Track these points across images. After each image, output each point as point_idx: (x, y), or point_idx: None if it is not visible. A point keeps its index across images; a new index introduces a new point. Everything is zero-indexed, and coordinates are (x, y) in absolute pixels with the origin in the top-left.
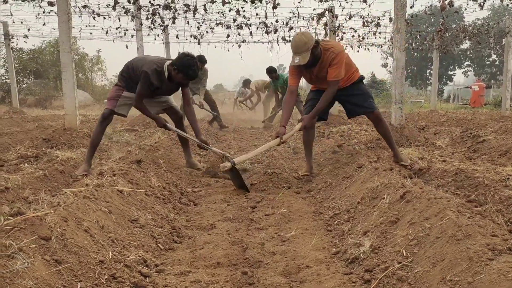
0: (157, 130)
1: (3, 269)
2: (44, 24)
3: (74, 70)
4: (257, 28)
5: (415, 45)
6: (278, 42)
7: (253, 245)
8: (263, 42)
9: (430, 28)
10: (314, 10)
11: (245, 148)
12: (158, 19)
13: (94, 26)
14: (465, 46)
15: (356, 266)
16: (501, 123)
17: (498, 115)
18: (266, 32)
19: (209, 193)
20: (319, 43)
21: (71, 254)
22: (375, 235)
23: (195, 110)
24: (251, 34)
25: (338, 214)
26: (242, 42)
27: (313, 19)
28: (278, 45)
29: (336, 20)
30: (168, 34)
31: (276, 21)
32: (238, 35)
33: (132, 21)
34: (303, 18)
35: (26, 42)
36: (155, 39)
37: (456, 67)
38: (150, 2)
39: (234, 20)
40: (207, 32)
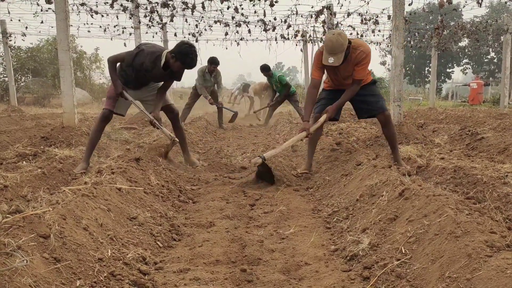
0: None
1: (2, 267)
2: (42, 22)
3: (72, 68)
4: (255, 26)
5: (414, 42)
6: (276, 40)
7: (252, 242)
8: (262, 40)
9: (429, 25)
10: (312, 7)
11: (243, 146)
12: (156, 17)
13: (92, 24)
14: (463, 43)
15: (355, 263)
16: (499, 121)
17: (496, 113)
18: (265, 30)
19: (208, 191)
20: (350, 42)
21: (70, 252)
22: (374, 232)
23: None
24: (250, 32)
25: (337, 212)
26: (240, 40)
27: (311, 17)
28: (277, 43)
29: (334, 17)
30: (166, 32)
31: (274, 18)
32: (236, 33)
33: (130, 19)
34: (302, 16)
35: (24, 40)
36: (153, 37)
37: (454, 65)
38: None
39: (233, 17)
40: (205, 30)
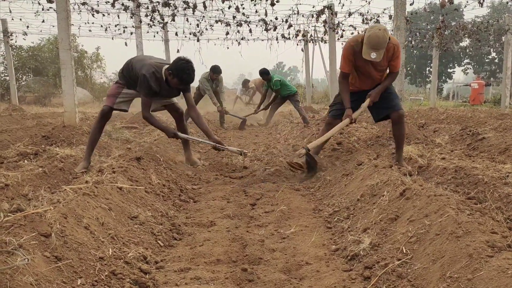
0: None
1: (4, 265)
2: (43, 21)
3: (73, 67)
4: (256, 25)
5: (415, 42)
6: (277, 39)
7: (253, 242)
8: (263, 40)
9: (430, 25)
10: (313, 7)
11: (244, 145)
12: (157, 16)
13: (93, 23)
14: (464, 43)
15: (355, 263)
16: (500, 121)
17: (497, 113)
18: (266, 29)
19: (208, 190)
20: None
21: (71, 251)
22: (375, 232)
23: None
24: (251, 31)
25: (338, 211)
26: (241, 39)
27: (312, 16)
28: (278, 42)
29: (335, 17)
30: (167, 31)
31: (275, 18)
32: (237, 33)
33: (131, 18)
34: (303, 16)
35: (25, 39)
36: (155, 36)
37: (455, 65)
38: None
39: (234, 17)
40: (207, 29)
